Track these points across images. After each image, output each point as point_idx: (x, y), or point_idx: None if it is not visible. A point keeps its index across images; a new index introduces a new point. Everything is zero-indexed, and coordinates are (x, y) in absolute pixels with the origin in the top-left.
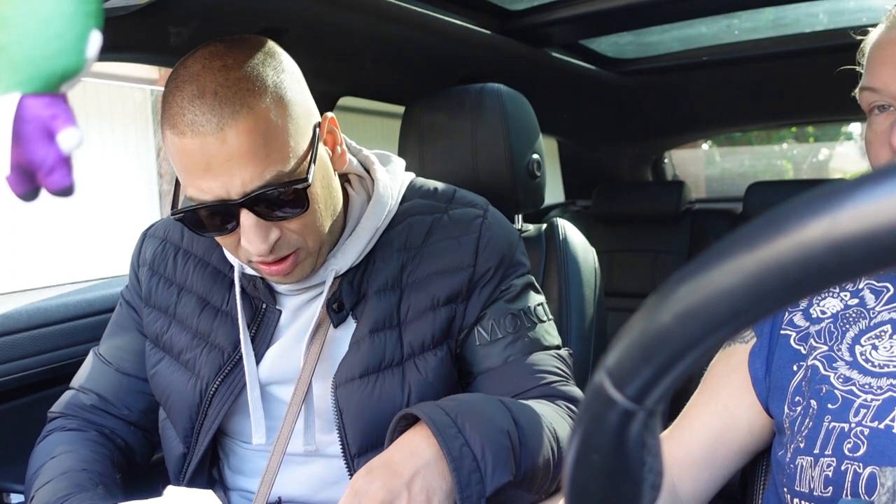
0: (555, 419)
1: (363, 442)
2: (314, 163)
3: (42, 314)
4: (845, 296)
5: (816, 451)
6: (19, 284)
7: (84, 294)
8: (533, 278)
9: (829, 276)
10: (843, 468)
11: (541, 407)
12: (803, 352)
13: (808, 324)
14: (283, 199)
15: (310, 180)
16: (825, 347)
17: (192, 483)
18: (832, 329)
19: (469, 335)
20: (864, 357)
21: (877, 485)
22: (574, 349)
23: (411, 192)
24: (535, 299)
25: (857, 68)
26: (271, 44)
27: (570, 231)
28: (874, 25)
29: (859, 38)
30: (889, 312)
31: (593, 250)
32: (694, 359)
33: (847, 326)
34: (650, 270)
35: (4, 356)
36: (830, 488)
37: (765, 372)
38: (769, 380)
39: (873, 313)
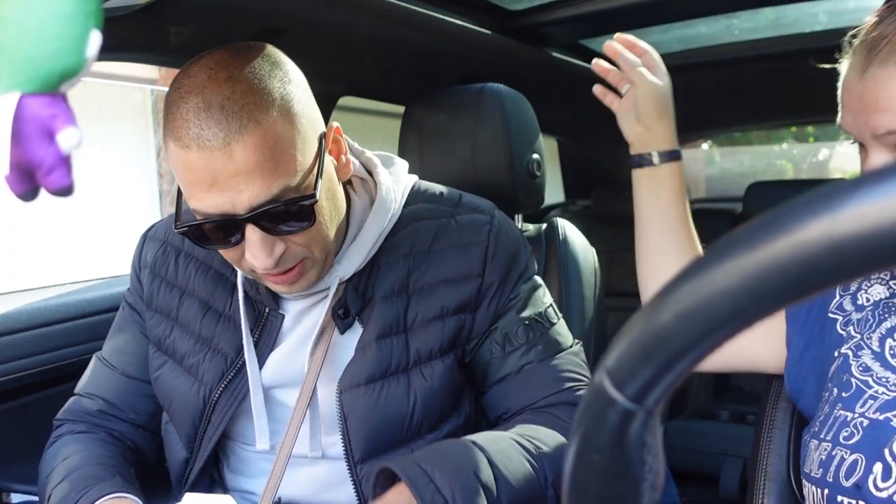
0: (550, 442)
1: (367, 448)
2: (321, 176)
3: (42, 314)
4: (894, 284)
5: (821, 434)
6: (19, 284)
7: (84, 294)
8: (539, 279)
9: (828, 276)
10: (833, 453)
11: (537, 434)
12: (844, 337)
13: (852, 309)
14: (289, 213)
15: (317, 196)
16: (858, 337)
17: (193, 486)
18: (869, 317)
19: (480, 347)
20: (892, 352)
21: (857, 470)
22: None
23: (415, 195)
24: (544, 302)
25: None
26: (277, 53)
27: (570, 231)
28: None
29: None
30: None
31: (593, 250)
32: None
33: (886, 316)
34: None
35: (4, 356)
36: (821, 471)
37: (802, 350)
38: (804, 362)
39: None
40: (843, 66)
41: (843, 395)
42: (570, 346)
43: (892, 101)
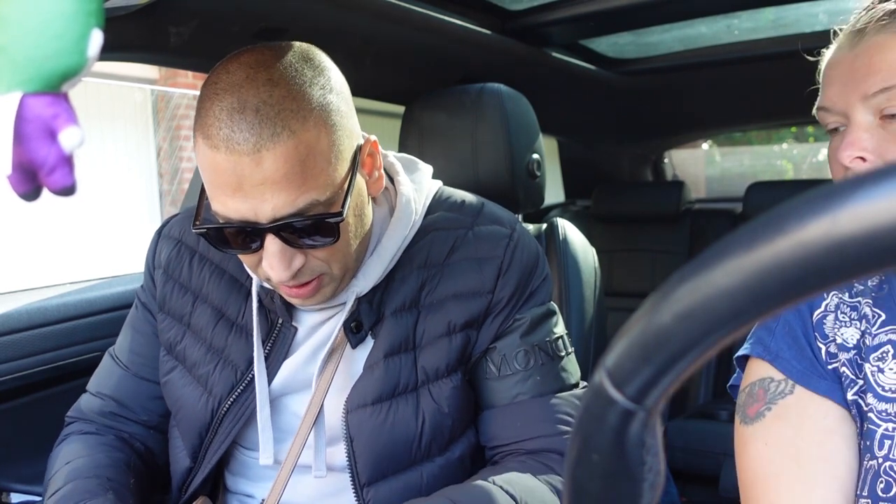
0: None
1: (374, 472)
2: (350, 193)
3: (42, 314)
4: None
5: (857, 490)
6: (19, 284)
7: (84, 294)
8: (554, 306)
9: (828, 276)
10: None
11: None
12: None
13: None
14: (312, 227)
15: (344, 214)
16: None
17: (194, 493)
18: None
19: (478, 365)
20: (874, 378)
21: None
22: (574, 349)
23: (437, 203)
24: (553, 332)
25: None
26: (321, 58)
27: (569, 231)
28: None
29: (815, 58)
30: (887, 335)
31: (593, 250)
32: (694, 358)
33: (867, 356)
34: (650, 270)
35: (4, 356)
36: None
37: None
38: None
39: (871, 333)
40: (829, 51)
41: (865, 443)
42: (574, 386)
43: (885, 62)
